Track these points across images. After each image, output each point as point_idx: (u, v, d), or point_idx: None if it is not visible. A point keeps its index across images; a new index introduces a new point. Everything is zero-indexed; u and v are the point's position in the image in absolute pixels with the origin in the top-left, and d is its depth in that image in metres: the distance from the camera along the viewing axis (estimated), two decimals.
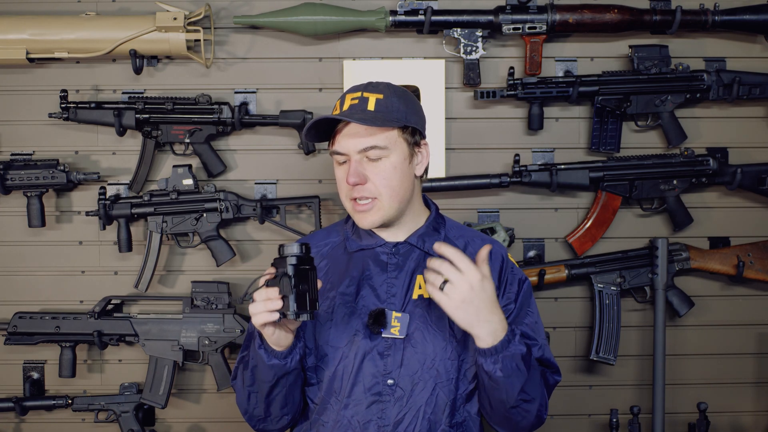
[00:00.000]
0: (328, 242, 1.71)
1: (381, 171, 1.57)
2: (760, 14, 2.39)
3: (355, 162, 1.56)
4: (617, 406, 2.44)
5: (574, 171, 2.42)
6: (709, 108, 2.49)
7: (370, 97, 1.57)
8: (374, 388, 1.57)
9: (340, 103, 1.60)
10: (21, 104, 2.45)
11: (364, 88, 1.60)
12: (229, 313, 2.38)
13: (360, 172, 1.56)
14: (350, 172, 1.56)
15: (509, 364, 1.46)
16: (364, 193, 1.56)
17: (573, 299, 2.52)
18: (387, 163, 1.57)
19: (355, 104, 1.56)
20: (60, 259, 2.48)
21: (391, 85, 1.62)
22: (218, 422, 2.50)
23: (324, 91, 2.46)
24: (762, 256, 2.46)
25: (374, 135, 1.56)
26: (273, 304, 1.40)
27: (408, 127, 1.60)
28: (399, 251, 1.63)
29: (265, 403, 1.58)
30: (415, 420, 1.56)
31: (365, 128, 1.55)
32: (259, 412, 1.61)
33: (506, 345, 1.45)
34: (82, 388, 2.49)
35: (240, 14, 2.40)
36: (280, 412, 1.60)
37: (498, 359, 1.45)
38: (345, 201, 1.61)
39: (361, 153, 1.56)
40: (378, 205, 1.58)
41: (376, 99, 1.57)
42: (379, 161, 1.57)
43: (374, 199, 1.57)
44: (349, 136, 1.56)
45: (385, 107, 1.57)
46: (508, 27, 2.36)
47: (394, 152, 1.57)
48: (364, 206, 1.58)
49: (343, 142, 1.57)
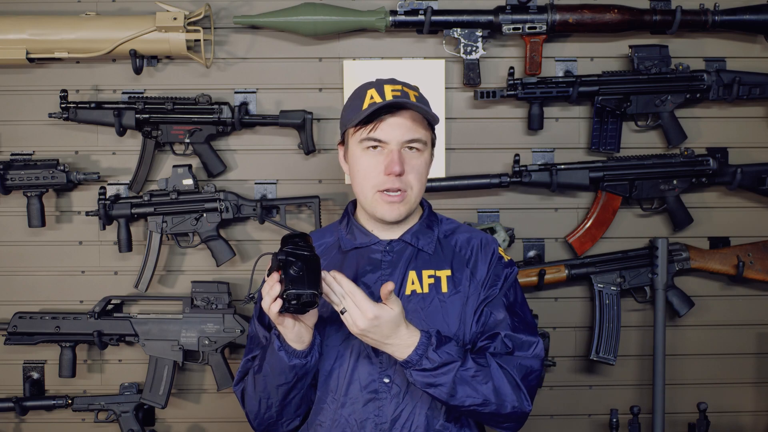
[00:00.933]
0: (323, 243, 1.71)
1: (417, 165, 1.59)
2: (760, 14, 2.39)
3: (398, 152, 1.56)
4: (617, 406, 2.44)
5: (574, 171, 2.42)
6: (709, 108, 2.49)
7: (409, 92, 1.58)
8: (370, 386, 1.57)
9: (379, 93, 1.58)
10: (21, 104, 2.45)
11: (402, 84, 1.60)
12: (229, 313, 2.38)
13: (402, 163, 1.56)
14: (395, 160, 1.55)
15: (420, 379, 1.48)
16: (400, 184, 1.57)
17: (573, 299, 2.52)
18: (422, 159, 1.60)
19: (398, 96, 1.56)
20: (60, 259, 2.48)
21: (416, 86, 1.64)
22: (218, 422, 2.50)
23: (324, 91, 2.46)
24: (762, 256, 2.46)
25: (418, 129, 1.58)
26: (274, 290, 1.40)
27: (433, 128, 1.63)
28: (393, 249, 1.64)
29: (280, 406, 1.57)
30: (412, 416, 1.57)
31: (412, 120, 1.57)
32: (270, 416, 1.60)
33: (419, 359, 1.47)
34: (82, 388, 2.49)
35: (240, 14, 2.40)
36: (294, 414, 1.61)
37: (412, 373, 1.48)
38: (369, 191, 1.59)
39: (404, 144, 1.56)
40: (407, 198, 1.59)
41: (414, 95, 1.59)
42: (417, 155, 1.59)
43: (404, 192, 1.58)
44: (396, 125, 1.56)
45: (423, 103, 1.59)
46: (508, 27, 2.36)
47: (428, 149, 1.61)
48: (396, 197, 1.57)
49: (389, 130, 1.56)
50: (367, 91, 1.59)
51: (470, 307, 1.62)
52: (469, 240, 1.68)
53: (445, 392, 1.49)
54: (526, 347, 1.59)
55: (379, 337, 1.46)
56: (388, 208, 1.58)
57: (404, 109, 1.57)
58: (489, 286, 1.63)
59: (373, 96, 1.57)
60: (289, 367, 1.50)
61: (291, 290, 1.38)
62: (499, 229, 2.37)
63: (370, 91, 1.59)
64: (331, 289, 1.45)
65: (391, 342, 1.47)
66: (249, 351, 1.67)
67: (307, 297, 1.39)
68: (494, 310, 1.61)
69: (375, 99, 1.56)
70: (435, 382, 1.48)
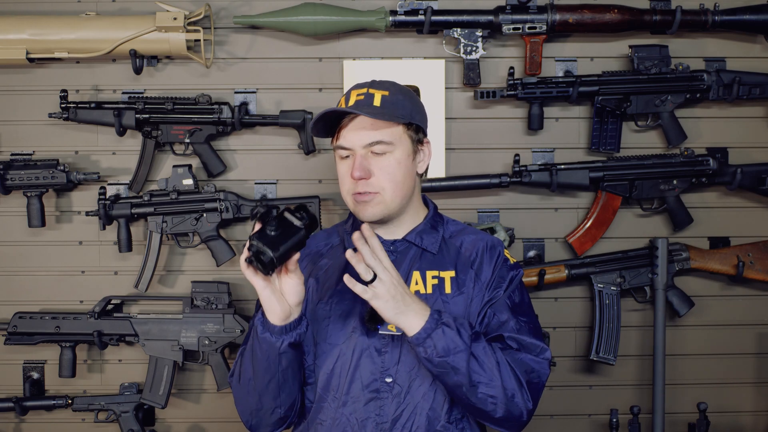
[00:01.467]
0: (329, 242, 1.73)
1: (385, 166, 1.58)
2: (760, 14, 2.39)
3: (360, 157, 1.57)
4: (617, 406, 2.44)
5: (574, 171, 2.42)
6: (709, 108, 2.49)
7: (375, 94, 1.58)
8: (372, 385, 1.57)
9: (345, 99, 1.60)
10: (21, 104, 2.45)
11: (370, 85, 1.61)
12: (229, 313, 2.38)
13: (365, 167, 1.56)
14: (355, 166, 1.56)
15: (441, 343, 1.45)
16: (368, 188, 1.57)
17: (573, 299, 2.52)
18: (391, 159, 1.59)
19: (361, 100, 1.57)
20: (60, 259, 2.48)
21: (395, 84, 1.64)
22: (218, 422, 2.50)
23: (324, 91, 2.46)
24: (762, 256, 2.46)
25: (380, 130, 1.57)
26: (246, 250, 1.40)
27: (412, 125, 1.62)
28: (397, 249, 1.64)
29: (258, 392, 1.55)
30: (413, 416, 1.56)
31: (371, 123, 1.57)
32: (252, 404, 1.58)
33: (434, 326, 1.46)
34: (82, 388, 2.49)
35: (240, 14, 2.40)
36: (273, 403, 1.57)
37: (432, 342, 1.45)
38: (347, 197, 1.62)
39: (366, 147, 1.57)
40: (379, 199, 1.59)
41: (382, 95, 1.58)
42: (384, 156, 1.58)
43: (376, 194, 1.58)
44: (355, 130, 1.58)
45: (390, 103, 1.58)
46: (508, 27, 2.36)
47: (399, 148, 1.59)
48: (366, 197, 1.58)
49: (349, 136, 1.58)
50: (341, 98, 1.63)
51: (474, 308, 1.61)
52: (475, 242, 1.68)
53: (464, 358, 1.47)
54: (532, 349, 1.58)
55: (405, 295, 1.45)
56: (360, 208, 1.60)
57: None
58: (493, 287, 1.63)
59: (341, 102, 1.61)
60: (260, 339, 1.49)
61: (254, 242, 1.37)
62: (499, 229, 2.37)
63: (341, 98, 1.62)
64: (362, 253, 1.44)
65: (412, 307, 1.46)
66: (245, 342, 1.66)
67: (266, 258, 1.37)
68: (498, 311, 1.60)
69: (341, 105, 1.60)
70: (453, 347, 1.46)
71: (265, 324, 1.49)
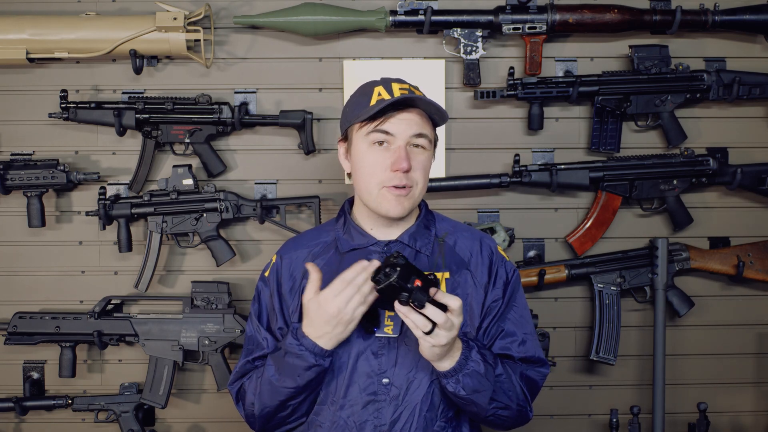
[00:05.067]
0: (320, 242, 1.71)
1: (422, 162, 1.60)
2: (760, 14, 2.39)
3: (404, 148, 1.56)
4: (617, 406, 2.44)
5: (574, 171, 2.42)
6: (709, 108, 2.49)
7: (415, 91, 1.60)
8: (369, 388, 1.57)
9: (386, 90, 1.58)
10: (21, 104, 2.45)
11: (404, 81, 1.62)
12: (229, 313, 2.38)
13: (409, 159, 1.56)
14: (402, 156, 1.55)
15: (470, 382, 1.49)
16: (406, 181, 1.57)
17: (573, 299, 2.52)
18: (427, 155, 1.61)
19: (406, 94, 1.57)
20: (60, 259, 2.48)
21: None
22: (218, 422, 2.50)
23: (324, 91, 2.46)
24: (762, 256, 2.46)
25: (425, 125, 1.59)
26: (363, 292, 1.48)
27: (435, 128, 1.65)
28: (391, 250, 1.64)
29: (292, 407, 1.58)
30: (411, 418, 1.56)
31: (420, 116, 1.58)
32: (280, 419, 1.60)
33: (464, 364, 1.48)
34: (82, 388, 2.49)
35: (240, 14, 2.40)
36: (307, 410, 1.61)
37: (458, 379, 1.48)
38: (374, 187, 1.58)
39: (411, 139, 1.57)
40: (411, 194, 1.59)
41: (420, 94, 1.60)
42: (423, 152, 1.60)
43: (411, 188, 1.58)
44: (405, 120, 1.57)
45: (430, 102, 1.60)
46: (508, 27, 2.36)
47: (431, 147, 1.63)
48: (403, 191, 1.57)
49: (398, 124, 1.56)
50: (375, 89, 1.60)
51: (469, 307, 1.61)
52: (469, 241, 1.68)
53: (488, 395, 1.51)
54: (536, 363, 1.65)
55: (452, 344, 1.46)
56: (395, 203, 1.57)
57: (411, 107, 1.58)
58: (492, 288, 1.64)
59: (381, 93, 1.58)
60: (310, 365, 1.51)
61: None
62: (499, 229, 2.37)
63: (377, 89, 1.59)
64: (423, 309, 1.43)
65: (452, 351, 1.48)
66: (249, 352, 1.66)
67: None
68: (502, 322, 1.64)
69: (383, 96, 1.57)
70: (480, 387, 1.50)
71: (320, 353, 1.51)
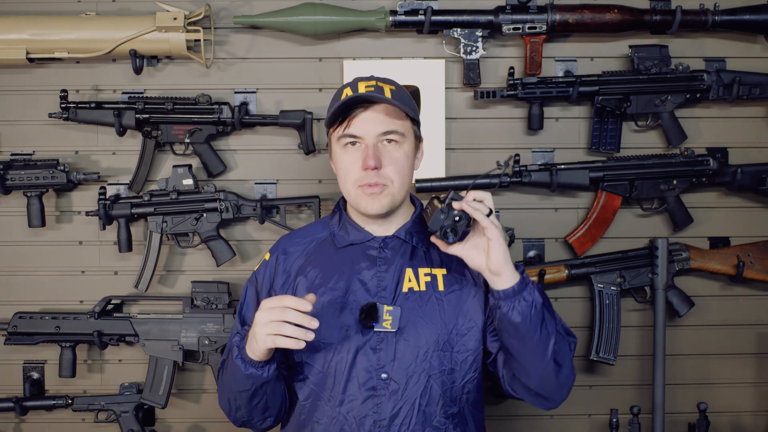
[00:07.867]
0: (314, 238, 1.72)
1: (396, 158, 1.59)
2: (760, 14, 2.39)
3: (372, 146, 1.56)
4: (617, 406, 2.44)
5: (574, 171, 2.42)
6: (709, 108, 2.49)
7: (384, 87, 1.59)
8: (368, 383, 1.57)
9: (352, 89, 1.59)
10: (21, 104, 2.45)
11: (376, 79, 1.61)
12: (229, 313, 2.38)
13: (378, 156, 1.56)
14: (369, 155, 1.55)
15: (526, 308, 1.46)
16: (378, 179, 1.57)
17: (573, 299, 2.52)
18: (402, 151, 1.60)
19: (371, 91, 1.56)
20: (60, 259, 2.48)
21: (395, 81, 1.65)
22: (218, 422, 2.50)
23: (324, 91, 2.46)
24: (762, 256, 2.46)
25: (394, 121, 1.58)
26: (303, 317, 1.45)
27: (416, 121, 1.63)
28: (388, 245, 1.64)
29: (247, 408, 1.61)
30: (410, 413, 1.57)
31: (385, 113, 1.57)
32: (242, 416, 1.64)
33: (523, 287, 1.47)
34: (82, 388, 2.49)
35: (240, 14, 2.40)
36: (263, 416, 1.63)
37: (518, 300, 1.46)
38: (350, 188, 1.60)
39: (379, 137, 1.57)
40: (387, 191, 1.59)
41: (390, 89, 1.59)
42: (396, 148, 1.59)
43: (385, 186, 1.58)
44: (369, 120, 1.57)
45: (399, 97, 1.59)
46: (508, 27, 2.36)
47: (407, 141, 1.61)
48: (376, 188, 1.57)
49: (361, 125, 1.57)
50: (344, 90, 1.61)
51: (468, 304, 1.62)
52: None
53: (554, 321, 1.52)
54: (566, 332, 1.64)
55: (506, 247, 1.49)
56: (370, 201, 1.58)
57: (377, 103, 1.57)
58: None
59: (348, 93, 1.59)
60: (246, 375, 1.52)
61: None
62: None
63: (345, 90, 1.60)
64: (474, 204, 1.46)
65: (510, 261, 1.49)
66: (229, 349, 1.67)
67: None
68: None
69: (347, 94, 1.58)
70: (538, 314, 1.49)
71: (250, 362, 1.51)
